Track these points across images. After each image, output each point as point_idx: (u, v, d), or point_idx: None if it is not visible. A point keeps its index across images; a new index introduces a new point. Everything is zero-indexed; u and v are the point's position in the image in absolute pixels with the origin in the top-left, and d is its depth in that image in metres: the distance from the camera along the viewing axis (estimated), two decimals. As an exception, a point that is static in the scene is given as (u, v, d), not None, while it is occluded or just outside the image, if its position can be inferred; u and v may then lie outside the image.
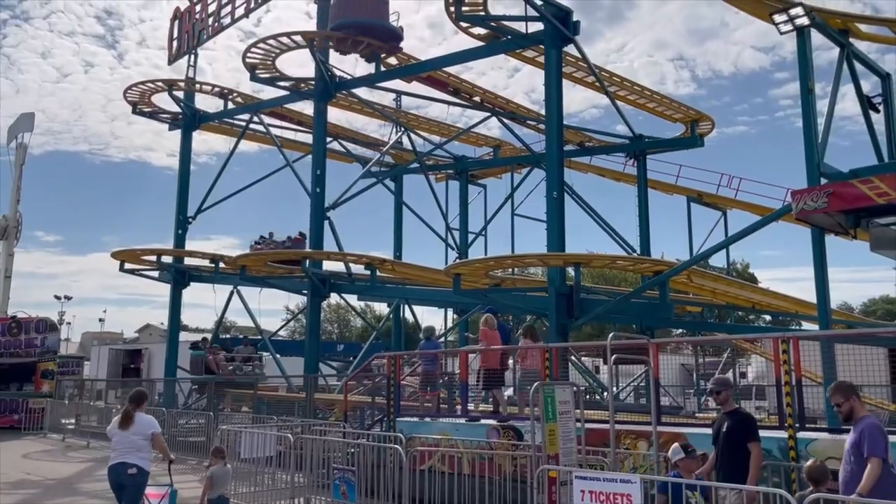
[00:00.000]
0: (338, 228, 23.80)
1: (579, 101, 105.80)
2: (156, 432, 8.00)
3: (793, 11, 12.32)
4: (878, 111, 13.97)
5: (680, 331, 25.17)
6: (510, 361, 12.51)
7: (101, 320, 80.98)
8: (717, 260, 28.45)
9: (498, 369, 11.98)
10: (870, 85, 14.28)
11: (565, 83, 18.55)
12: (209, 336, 26.68)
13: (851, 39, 13.44)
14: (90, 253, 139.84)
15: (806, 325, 22.16)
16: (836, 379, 9.41)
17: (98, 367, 36.22)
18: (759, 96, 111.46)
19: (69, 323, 70.44)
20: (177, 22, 27.94)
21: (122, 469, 7.76)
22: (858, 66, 13.83)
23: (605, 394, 19.39)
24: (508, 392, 13.09)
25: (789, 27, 12.37)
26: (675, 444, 6.48)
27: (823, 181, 11.58)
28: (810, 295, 19.36)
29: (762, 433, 8.31)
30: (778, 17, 12.45)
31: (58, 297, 66.07)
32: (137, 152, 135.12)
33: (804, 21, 12.23)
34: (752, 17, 15.15)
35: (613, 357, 8.33)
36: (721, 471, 6.70)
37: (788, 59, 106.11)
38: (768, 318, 27.62)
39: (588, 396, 20.59)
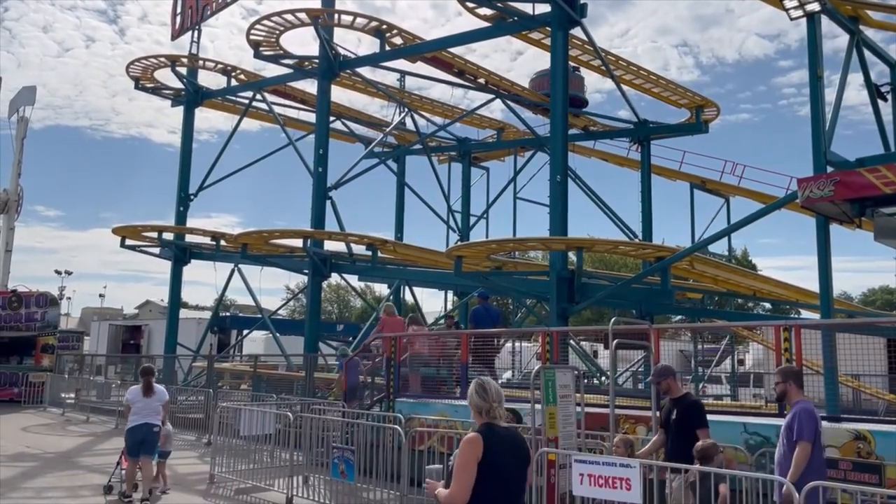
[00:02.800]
0: (340, 209, 23.76)
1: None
2: (167, 400, 10.34)
3: (803, -3, 12.17)
4: (885, 100, 13.84)
5: (679, 317, 25.18)
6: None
7: (101, 296, 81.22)
8: (716, 247, 28.47)
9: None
10: (875, 73, 14.15)
11: (569, 66, 18.40)
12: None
13: (861, 27, 13.31)
14: (90, 228, 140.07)
15: (805, 314, 22.14)
16: (835, 368, 9.45)
17: (98, 342, 36.39)
18: (763, 84, 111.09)
19: (69, 298, 70.65)
20: (180, -3, 27.71)
21: (148, 428, 9.79)
22: (867, 55, 13.71)
23: (604, 378, 19.44)
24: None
25: (800, 13, 12.23)
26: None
27: (829, 169, 11.52)
28: (809, 283, 19.40)
29: (763, 420, 8.35)
30: (788, 3, 12.30)
31: (58, 272, 66.28)
32: (138, 128, 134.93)
33: (815, 7, 12.07)
34: (758, 4, 15.00)
35: (615, 342, 8.33)
36: (672, 458, 6.70)
37: (793, 48, 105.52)
38: (768, 305, 27.60)
39: (587, 381, 20.64)
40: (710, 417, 7.33)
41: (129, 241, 25.90)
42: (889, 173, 9.38)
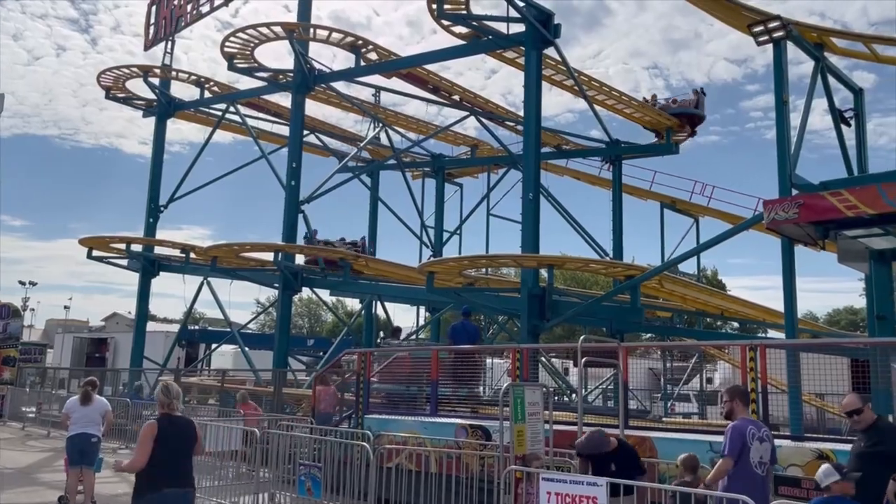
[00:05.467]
0: (312, 222, 23.65)
1: (555, 105, 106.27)
2: (109, 410, 10.26)
3: (770, 24, 12.47)
4: (849, 125, 14.18)
5: (649, 335, 25.39)
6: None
7: (66, 307, 79.45)
8: (687, 266, 28.80)
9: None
10: (838, 99, 14.50)
11: (542, 86, 18.60)
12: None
13: (826, 53, 13.65)
14: (57, 239, 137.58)
15: (772, 333, 22.47)
16: (799, 387, 9.59)
17: (62, 355, 35.65)
18: (731, 107, 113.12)
19: (33, 309, 69.26)
20: (154, 7, 27.54)
21: (86, 437, 9.81)
22: (831, 81, 14.06)
23: (574, 395, 19.51)
24: None
25: (766, 38, 12.53)
26: (826, 465, 5.44)
27: (794, 192, 11.75)
28: (776, 303, 19.69)
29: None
30: (755, 29, 12.60)
31: (22, 283, 64.93)
32: (108, 139, 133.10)
33: (781, 33, 12.38)
34: (726, 30, 15.34)
35: (584, 360, 8.37)
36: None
37: (760, 72, 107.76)
38: (736, 324, 28.01)
39: (556, 398, 20.68)
40: (677, 436, 7.39)
41: (96, 252, 25.50)
42: (852, 197, 9.59)
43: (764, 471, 6.01)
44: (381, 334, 25.85)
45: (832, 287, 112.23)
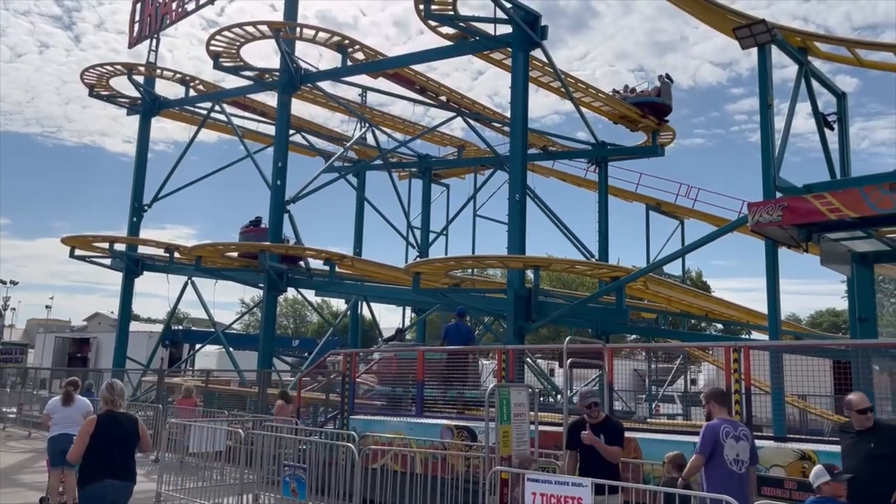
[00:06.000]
0: (298, 222, 23.57)
1: (541, 106, 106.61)
2: (91, 411, 9.70)
3: (755, 28, 12.56)
4: (832, 129, 14.30)
5: (634, 336, 25.51)
6: None
7: (47, 307, 78.75)
8: (672, 268, 28.98)
9: None
10: (822, 103, 14.63)
11: (529, 87, 18.64)
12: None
13: (810, 58, 13.77)
14: (39, 238, 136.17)
15: (756, 335, 22.64)
16: (782, 388, 9.67)
17: (43, 355, 35.29)
18: (716, 110, 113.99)
19: (14, 309, 68.62)
20: (139, 5, 27.35)
21: (67, 438, 9.24)
22: (815, 85, 14.18)
23: (559, 396, 19.56)
24: None
25: (751, 43, 12.61)
26: (818, 466, 5.49)
27: (778, 195, 11.83)
28: (760, 305, 19.83)
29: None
30: (740, 33, 12.68)
31: (3, 282, 63.98)
32: (92, 137, 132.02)
33: (765, 37, 12.47)
34: (712, 33, 15.46)
35: (569, 360, 8.39)
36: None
37: (744, 76, 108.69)
38: (720, 326, 28.18)
39: (542, 399, 20.73)
40: (661, 437, 7.41)
41: (79, 252, 25.25)
42: (835, 200, 9.66)
43: (742, 468, 6.10)
44: (382, 336, 25.62)
45: (814, 289, 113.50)
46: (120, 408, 6.44)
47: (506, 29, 18.06)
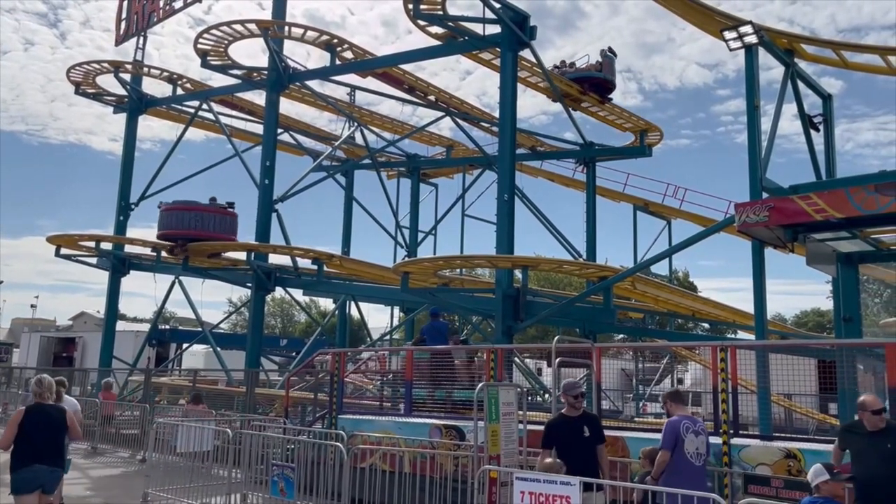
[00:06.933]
0: (286, 221, 23.51)
1: (530, 106, 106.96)
2: (76, 410, 9.86)
3: (742, 29, 12.66)
4: (818, 130, 14.43)
5: (621, 336, 25.63)
6: None
7: (32, 306, 77.80)
8: (659, 268, 29.15)
9: None
10: (808, 104, 14.76)
11: (517, 87, 18.67)
12: None
13: (796, 59, 13.89)
14: (24, 236, 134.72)
15: (742, 335, 22.80)
16: (768, 388, 9.76)
17: (28, 354, 35.00)
18: (702, 111, 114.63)
19: (-1, 308, 67.72)
20: (126, 2, 27.18)
21: None
22: (801, 87, 14.31)
23: (548, 396, 19.62)
24: None
25: (738, 44, 12.72)
26: (817, 465, 5.36)
27: (765, 196, 11.94)
28: (746, 305, 19.99)
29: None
30: (728, 34, 12.78)
31: (-13, 281, 63.46)
32: (77, 135, 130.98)
33: (752, 39, 12.58)
34: (699, 34, 15.55)
35: (558, 360, 8.43)
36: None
37: (731, 77, 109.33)
38: (707, 326, 28.33)
39: (530, 398, 20.79)
40: (646, 435, 7.44)
41: (64, 250, 25.05)
42: (820, 201, 9.75)
43: (701, 461, 6.58)
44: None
45: (800, 289, 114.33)
46: (48, 400, 6.99)
47: (494, 29, 18.09)
